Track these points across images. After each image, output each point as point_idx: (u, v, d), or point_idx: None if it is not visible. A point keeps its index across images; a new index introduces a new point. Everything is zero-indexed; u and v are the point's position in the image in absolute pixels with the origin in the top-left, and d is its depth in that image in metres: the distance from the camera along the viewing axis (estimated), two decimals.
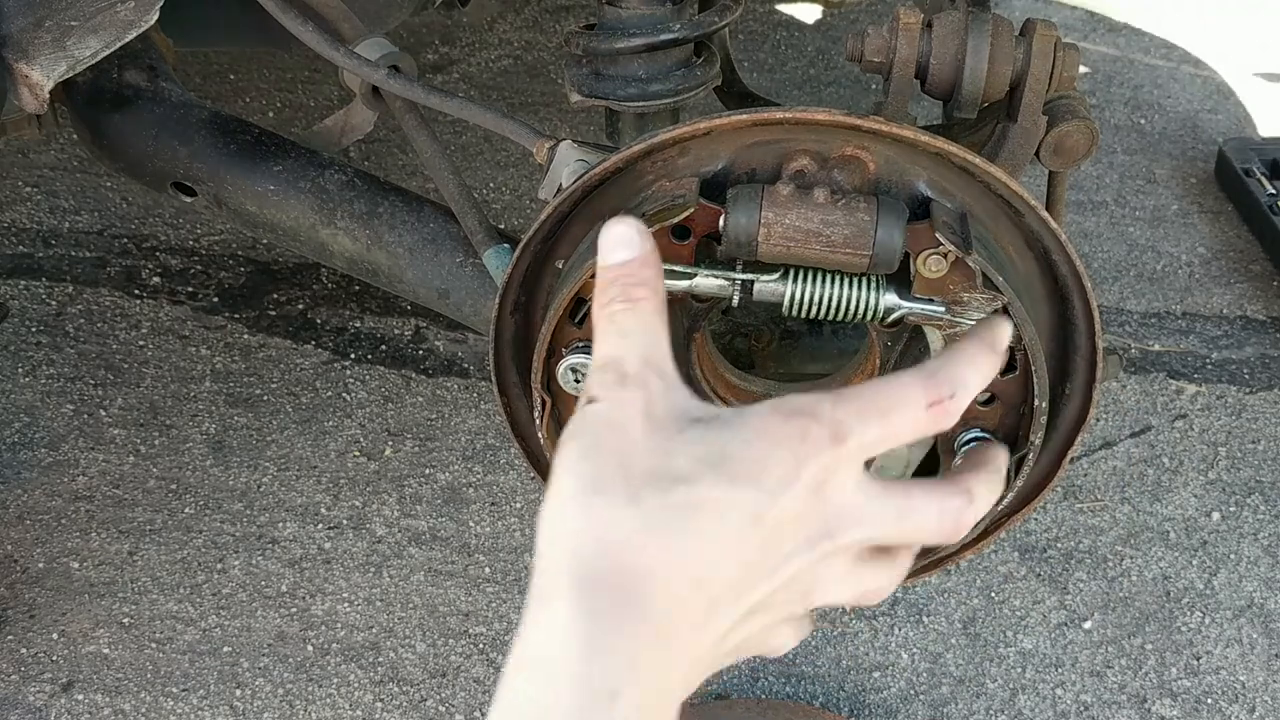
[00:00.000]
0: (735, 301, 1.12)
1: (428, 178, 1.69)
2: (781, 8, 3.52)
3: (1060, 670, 1.94)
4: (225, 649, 1.93)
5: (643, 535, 0.66)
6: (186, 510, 2.13)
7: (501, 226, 1.52)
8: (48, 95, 1.35)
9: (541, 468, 1.30)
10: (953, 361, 0.80)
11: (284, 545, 2.08)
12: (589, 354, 1.17)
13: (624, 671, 0.64)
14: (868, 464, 0.76)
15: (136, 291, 2.54)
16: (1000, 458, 0.89)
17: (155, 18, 1.35)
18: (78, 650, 1.92)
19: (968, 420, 1.18)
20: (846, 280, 1.10)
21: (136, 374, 2.36)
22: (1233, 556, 2.11)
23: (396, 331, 2.48)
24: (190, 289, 2.56)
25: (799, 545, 0.71)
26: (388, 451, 2.25)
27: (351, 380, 2.38)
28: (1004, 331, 0.87)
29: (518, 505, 2.16)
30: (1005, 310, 1.10)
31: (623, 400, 0.73)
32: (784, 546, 0.70)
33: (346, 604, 2.00)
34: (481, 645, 1.95)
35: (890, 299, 1.10)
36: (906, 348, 1.22)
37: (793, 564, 0.71)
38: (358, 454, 2.24)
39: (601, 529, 0.67)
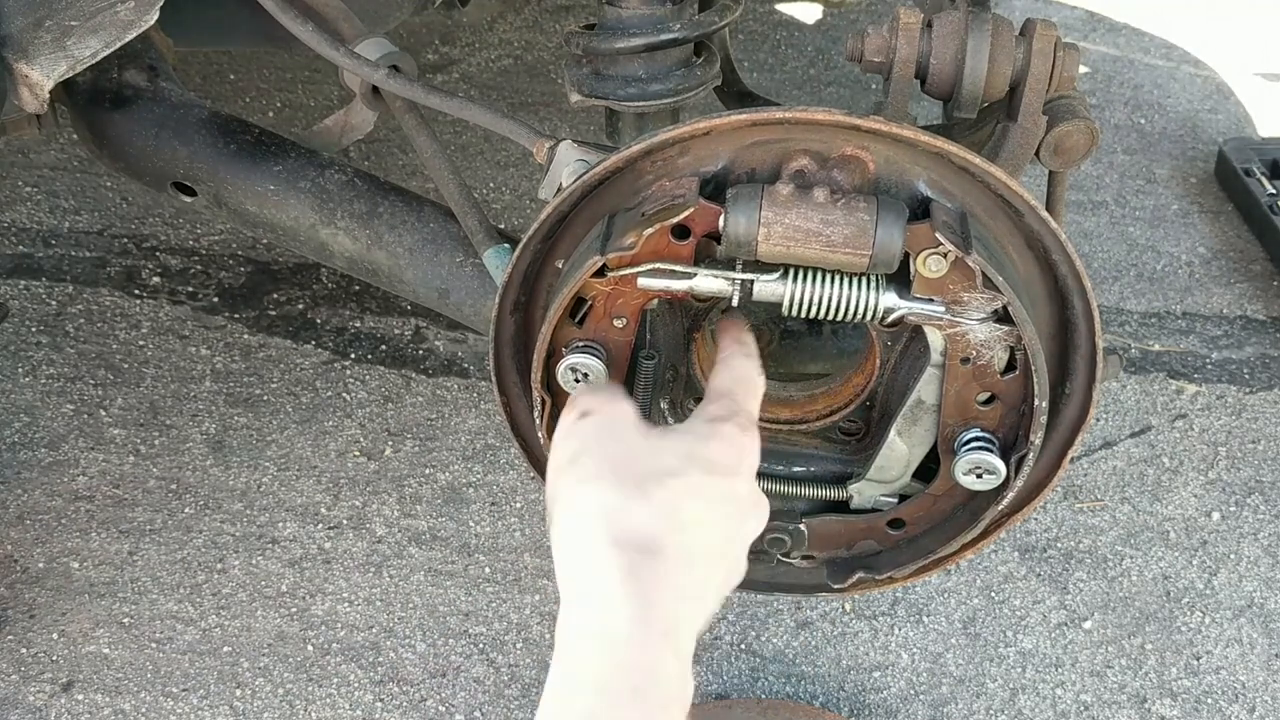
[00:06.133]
0: (735, 301, 1.12)
1: (428, 178, 1.69)
2: (781, 8, 3.52)
3: (1060, 670, 1.94)
4: (225, 649, 1.93)
5: (655, 519, 0.93)
6: (186, 510, 2.13)
7: (501, 226, 1.52)
8: (48, 95, 1.35)
9: (541, 468, 1.30)
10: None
11: (284, 545, 2.08)
12: (589, 354, 1.17)
13: (656, 592, 0.91)
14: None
15: (136, 291, 2.54)
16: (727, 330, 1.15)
17: (155, 18, 1.35)
18: (78, 650, 1.92)
19: (968, 420, 1.19)
20: (846, 280, 1.10)
21: (136, 374, 2.36)
22: (1233, 556, 2.11)
23: (396, 331, 2.48)
24: (190, 289, 2.56)
25: (750, 510, 1.03)
26: (388, 451, 2.25)
27: (351, 380, 2.38)
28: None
29: (518, 505, 2.16)
30: (1005, 310, 1.10)
31: (612, 416, 1.01)
32: (744, 512, 1.02)
33: (346, 604, 2.00)
34: (481, 645, 1.95)
35: (890, 299, 1.10)
36: (906, 347, 1.22)
37: (748, 523, 1.03)
38: (358, 454, 2.24)
39: (624, 516, 0.93)
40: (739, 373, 1.10)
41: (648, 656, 0.89)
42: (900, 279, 1.10)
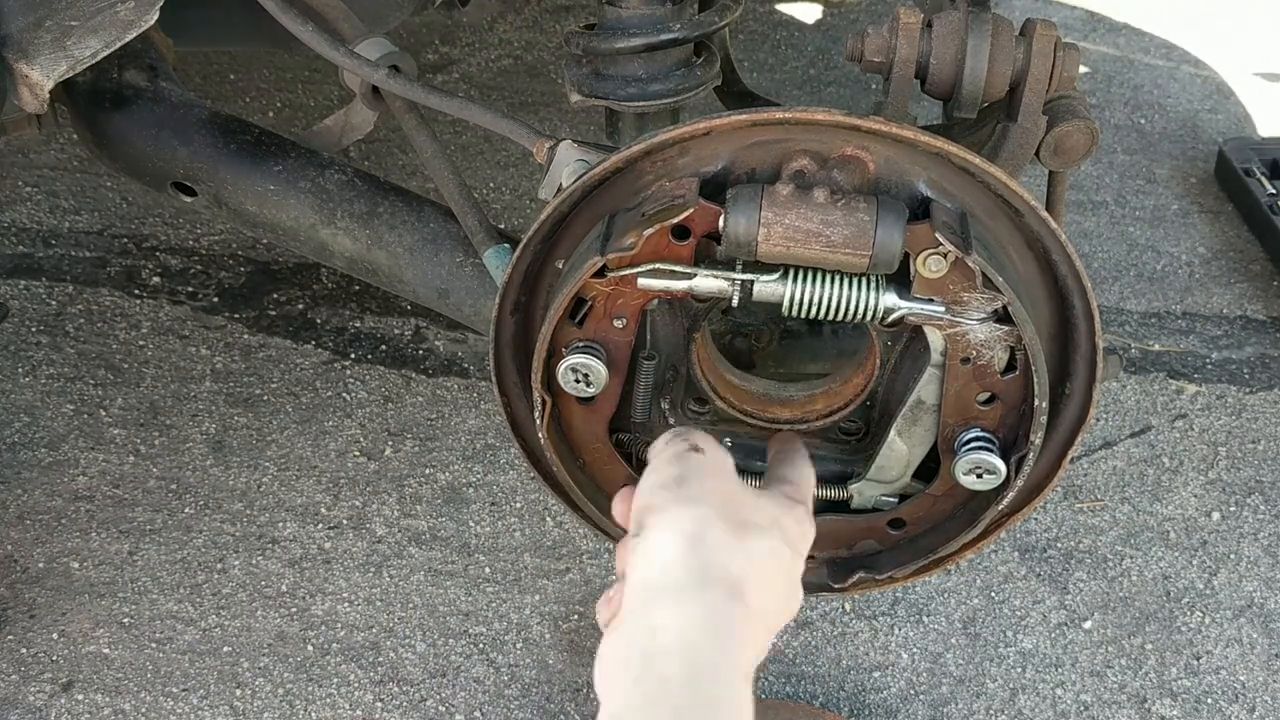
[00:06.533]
0: (735, 301, 1.12)
1: (428, 178, 1.69)
2: (781, 8, 3.52)
3: (1060, 670, 1.94)
4: (225, 649, 1.93)
5: (744, 565, 0.98)
6: (186, 510, 2.13)
7: (501, 226, 1.52)
8: (48, 95, 1.35)
9: (541, 467, 1.30)
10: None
11: (284, 545, 2.08)
12: (589, 354, 1.17)
13: (736, 637, 0.95)
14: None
15: (136, 291, 2.54)
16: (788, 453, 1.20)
17: (155, 18, 1.35)
18: (78, 650, 1.92)
19: (969, 420, 1.19)
20: (846, 280, 1.10)
21: (136, 374, 2.36)
22: (1233, 556, 2.11)
23: (396, 331, 2.48)
24: (190, 289, 2.56)
25: (797, 594, 1.08)
26: (388, 451, 2.25)
27: (351, 380, 2.38)
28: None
29: (518, 505, 2.16)
30: (1005, 310, 1.10)
31: (720, 459, 1.06)
32: (795, 593, 1.07)
33: (346, 604, 2.00)
34: (481, 645, 1.95)
35: (890, 299, 1.10)
36: (906, 347, 1.22)
37: (792, 603, 1.07)
38: (358, 454, 2.24)
39: (720, 552, 0.98)
40: (802, 471, 1.16)
41: (733, 692, 0.91)
42: (900, 279, 1.10)
